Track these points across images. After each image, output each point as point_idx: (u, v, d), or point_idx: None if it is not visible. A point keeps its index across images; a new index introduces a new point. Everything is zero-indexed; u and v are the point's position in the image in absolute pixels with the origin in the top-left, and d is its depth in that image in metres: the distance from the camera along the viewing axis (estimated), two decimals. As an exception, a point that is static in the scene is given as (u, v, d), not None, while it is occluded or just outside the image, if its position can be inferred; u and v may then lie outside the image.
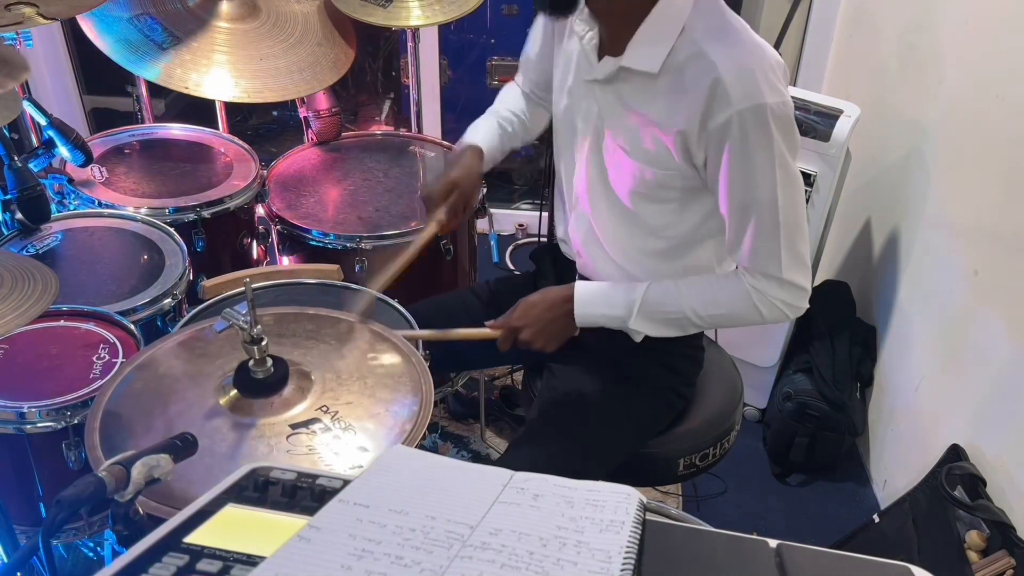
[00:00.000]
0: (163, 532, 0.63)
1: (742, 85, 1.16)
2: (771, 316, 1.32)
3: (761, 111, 1.16)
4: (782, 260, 1.27)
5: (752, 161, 1.20)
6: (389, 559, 0.59)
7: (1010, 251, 1.68)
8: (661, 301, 1.36)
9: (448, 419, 2.40)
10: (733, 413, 1.57)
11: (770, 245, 1.26)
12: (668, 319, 1.37)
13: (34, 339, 1.47)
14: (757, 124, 1.17)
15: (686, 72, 1.21)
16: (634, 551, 0.62)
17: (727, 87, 1.16)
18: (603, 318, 1.39)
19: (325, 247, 1.84)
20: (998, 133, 1.75)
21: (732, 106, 1.16)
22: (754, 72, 1.17)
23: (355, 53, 2.17)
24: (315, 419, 1.17)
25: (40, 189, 1.65)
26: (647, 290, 1.36)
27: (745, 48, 1.20)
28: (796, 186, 1.25)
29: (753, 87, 1.16)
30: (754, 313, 1.31)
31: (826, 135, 2.06)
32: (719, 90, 1.17)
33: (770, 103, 1.16)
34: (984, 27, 1.85)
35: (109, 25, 1.94)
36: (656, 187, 1.31)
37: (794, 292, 1.30)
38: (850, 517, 2.12)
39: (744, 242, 1.27)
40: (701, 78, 1.18)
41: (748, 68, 1.17)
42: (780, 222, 1.24)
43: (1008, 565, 1.51)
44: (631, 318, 1.36)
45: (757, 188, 1.22)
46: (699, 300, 1.34)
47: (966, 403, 1.82)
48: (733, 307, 1.33)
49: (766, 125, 1.17)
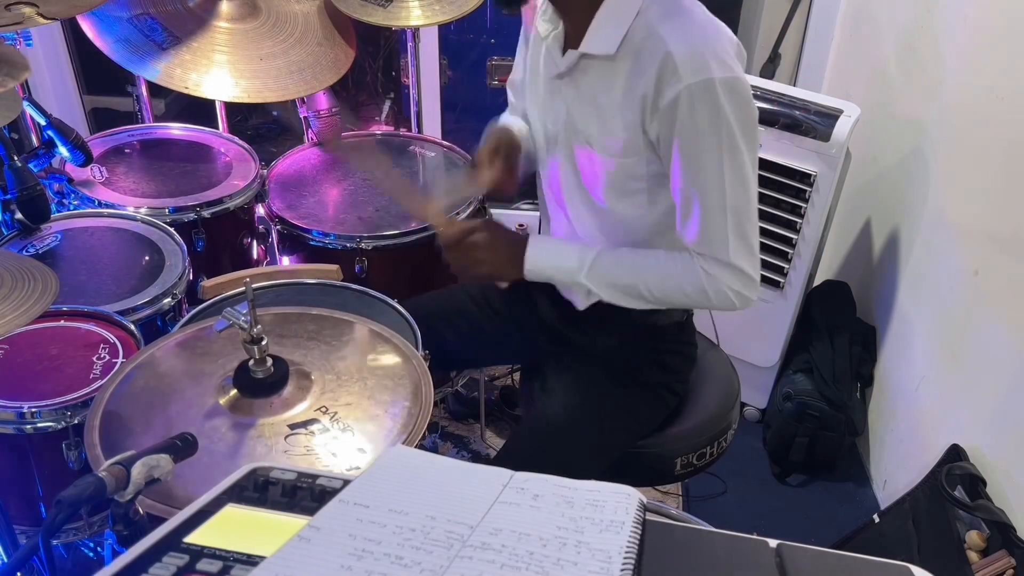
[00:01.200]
0: (163, 532, 0.63)
1: (691, 61, 1.17)
2: (719, 302, 1.31)
3: (710, 86, 1.16)
4: (729, 244, 1.26)
5: (700, 138, 1.20)
6: (389, 559, 0.59)
7: (1010, 251, 1.68)
8: (613, 265, 1.35)
9: (448, 419, 2.40)
10: (730, 412, 1.57)
11: (717, 228, 1.25)
12: (618, 284, 1.36)
13: (34, 339, 1.47)
14: (705, 99, 1.17)
15: (641, 53, 1.22)
16: (634, 551, 0.62)
17: (676, 63, 1.17)
18: (553, 268, 1.38)
19: (325, 247, 1.84)
20: (998, 133, 1.75)
21: (681, 81, 1.17)
22: (703, 49, 1.17)
23: (355, 53, 2.17)
24: (314, 419, 1.17)
25: (40, 189, 1.65)
26: (601, 251, 1.36)
27: (695, 25, 1.21)
28: (747, 169, 1.24)
29: (701, 62, 1.17)
30: (702, 296, 1.31)
31: (826, 135, 2.06)
32: (668, 66, 1.17)
33: (718, 78, 1.16)
34: (984, 27, 1.85)
35: (109, 25, 1.94)
36: (624, 178, 1.32)
37: (741, 278, 1.29)
38: (850, 517, 2.12)
39: (691, 223, 1.27)
40: (653, 56, 1.19)
41: (697, 45, 1.18)
42: (727, 204, 1.24)
43: (1008, 565, 1.51)
44: (582, 272, 1.35)
45: (704, 167, 1.22)
46: (651, 274, 1.34)
47: (966, 403, 1.82)
48: (684, 287, 1.32)
49: (715, 100, 1.17)
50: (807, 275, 2.27)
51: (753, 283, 1.30)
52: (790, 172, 2.13)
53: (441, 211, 1.45)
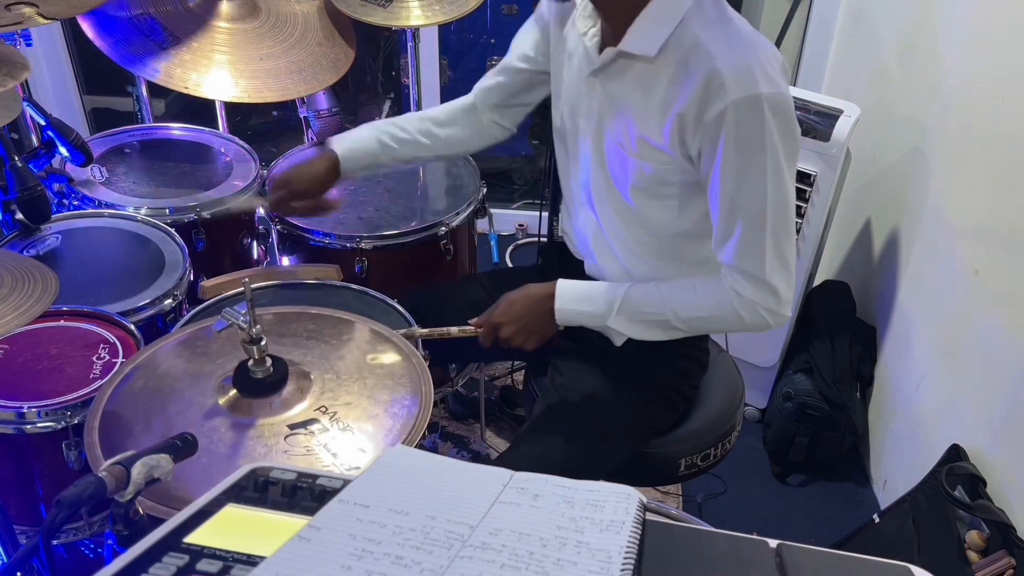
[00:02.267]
0: (163, 532, 0.63)
1: (738, 76, 1.16)
2: (752, 322, 1.30)
3: (756, 101, 1.16)
4: (766, 261, 1.25)
5: (746, 154, 1.19)
6: (389, 559, 0.59)
7: (1010, 251, 1.68)
8: (643, 302, 1.35)
9: (448, 419, 2.39)
10: (734, 414, 1.57)
11: (756, 244, 1.25)
12: (649, 320, 1.36)
13: (34, 339, 1.47)
14: (752, 115, 1.17)
15: (683, 62, 1.21)
16: (634, 551, 0.62)
17: (723, 78, 1.16)
18: (583, 315, 1.39)
19: (325, 247, 1.84)
20: (998, 133, 1.75)
21: (727, 96, 1.16)
22: (751, 64, 1.17)
23: (355, 53, 2.17)
24: (313, 419, 1.17)
25: (40, 189, 1.65)
26: (629, 289, 1.36)
27: (743, 40, 1.20)
28: (788, 187, 1.24)
29: (749, 78, 1.16)
30: (735, 319, 1.30)
31: (826, 135, 2.06)
32: (715, 81, 1.16)
33: (765, 93, 1.16)
34: (984, 27, 1.85)
35: (109, 25, 1.94)
36: (655, 182, 1.31)
37: (775, 298, 1.28)
38: (850, 517, 2.12)
39: (731, 239, 1.27)
40: (698, 69, 1.18)
41: (745, 59, 1.17)
42: (768, 220, 1.23)
43: (1008, 565, 1.51)
44: (611, 316, 1.36)
45: (749, 183, 1.21)
46: (681, 303, 1.33)
47: (966, 403, 1.82)
48: (715, 311, 1.32)
49: (761, 116, 1.17)
50: (807, 275, 2.28)
51: (786, 302, 1.29)
52: (790, 172, 2.13)
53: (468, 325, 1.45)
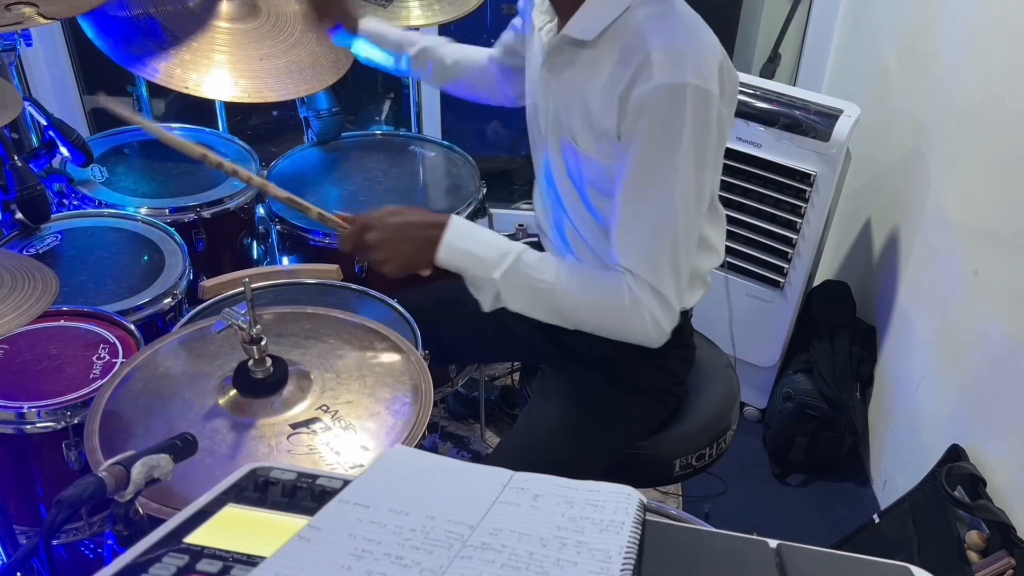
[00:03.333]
0: (163, 532, 0.63)
1: (669, 62, 1.15)
2: (633, 326, 1.24)
3: (679, 90, 1.14)
4: (662, 267, 1.21)
5: (656, 140, 1.17)
6: (389, 559, 0.59)
7: (1010, 251, 1.68)
8: (536, 267, 1.27)
9: (448, 419, 2.40)
10: (729, 413, 1.57)
11: (655, 248, 1.20)
12: (536, 288, 1.27)
13: (34, 339, 1.47)
14: (673, 102, 1.15)
15: (623, 48, 1.21)
16: (634, 551, 0.62)
17: (653, 62, 1.15)
18: (469, 258, 1.27)
19: (325, 247, 1.84)
20: (998, 133, 1.75)
21: (653, 79, 1.15)
22: (683, 52, 1.16)
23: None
24: (315, 418, 1.17)
25: (40, 189, 1.65)
26: (526, 250, 1.27)
27: (682, 29, 1.20)
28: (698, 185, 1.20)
29: (678, 66, 1.15)
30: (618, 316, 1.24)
31: (826, 135, 2.06)
32: (645, 63, 1.16)
33: (691, 83, 1.14)
34: (984, 27, 1.85)
35: (109, 25, 1.94)
36: (607, 179, 1.27)
37: (665, 308, 1.23)
38: (850, 517, 2.12)
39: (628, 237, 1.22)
40: (633, 52, 1.18)
41: (678, 47, 1.16)
42: (670, 224, 1.20)
43: (1008, 565, 1.51)
44: (498, 269, 1.25)
45: (657, 177, 1.18)
46: (575, 278, 1.27)
47: (966, 403, 1.82)
48: (604, 296, 1.24)
49: (681, 106, 1.14)
50: (807, 275, 2.27)
51: (673, 315, 1.25)
52: (790, 172, 2.13)
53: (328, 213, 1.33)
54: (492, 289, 1.28)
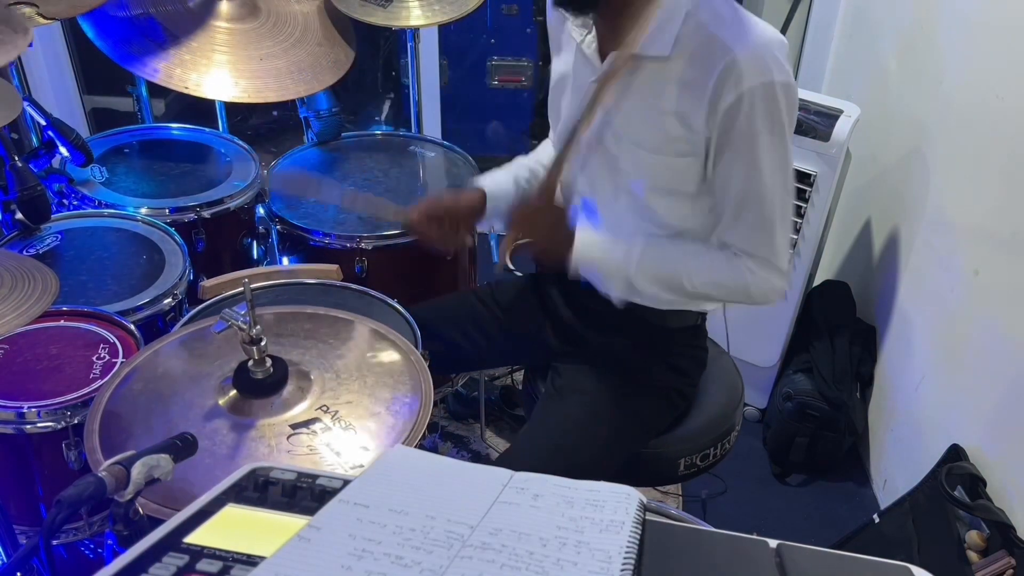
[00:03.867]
0: (163, 532, 0.63)
1: (755, 64, 1.19)
2: (759, 297, 1.34)
3: (770, 88, 1.19)
4: (775, 244, 1.29)
5: (759, 137, 1.22)
6: (389, 559, 0.59)
7: (1010, 251, 1.68)
8: (661, 257, 1.36)
9: (448, 419, 2.40)
10: (734, 413, 1.57)
11: (767, 229, 1.28)
12: (665, 279, 1.36)
13: (34, 339, 1.47)
14: (766, 101, 1.20)
15: (698, 57, 1.22)
16: (634, 551, 0.62)
17: (741, 67, 1.18)
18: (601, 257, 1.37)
19: (325, 247, 1.84)
20: (998, 133, 1.75)
21: (743, 84, 1.18)
22: (764, 52, 1.20)
23: (355, 53, 2.17)
24: (315, 419, 1.17)
25: (40, 189, 1.65)
26: (646, 245, 1.36)
27: (756, 30, 1.22)
28: (791, 167, 1.28)
29: (763, 65, 1.19)
30: (742, 291, 1.33)
31: (826, 135, 2.06)
32: (733, 70, 1.19)
33: (778, 80, 1.19)
34: (984, 27, 1.85)
35: (109, 25, 1.94)
36: (673, 177, 1.32)
37: (781, 277, 1.32)
38: (850, 517, 2.12)
39: (741, 223, 1.29)
40: (715, 61, 1.20)
41: (759, 48, 1.20)
42: (777, 205, 1.27)
43: (1008, 565, 1.51)
44: (632, 268, 1.35)
45: (761, 169, 1.24)
46: (696, 264, 1.35)
47: (966, 403, 1.82)
48: (726, 278, 1.33)
49: (773, 102, 1.20)
50: (807, 275, 2.28)
51: (787, 278, 1.34)
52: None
53: None
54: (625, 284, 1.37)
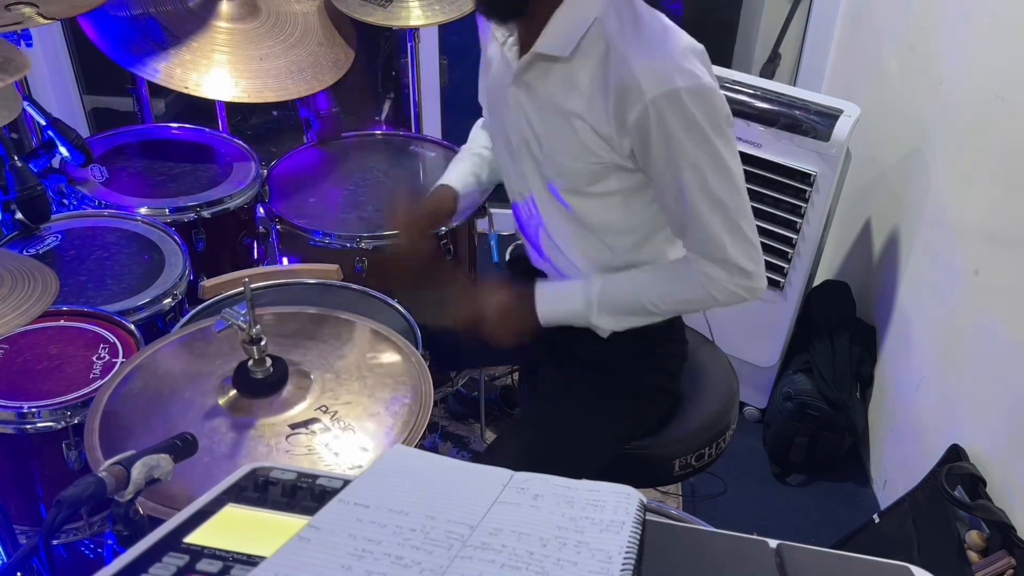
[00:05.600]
0: (163, 532, 0.63)
1: (652, 75, 1.17)
2: (726, 299, 1.31)
3: (674, 96, 1.16)
4: (725, 242, 1.26)
5: (677, 148, 1.20)
6: (389, 559, 0.59)
7: (1010, 251, 1.68)
8: (617, 293, 1.37)
9: (448, 419, 2.39)
10: (729, 413, 1.57)
11: (710, 229, 1.26)
12: (628, 311, 1.38)
13: (34, 339, 1.47)
14: (673, 109, 1.17)
15: (601, 68, 1.22)
16: (634, 551, 0.62)
17: (638, 80, 1.17)
18: (567, 314, 1.40)
19: (325, 247, 1.84)
20: (998, 133, 1.75)
21: (645, 96, 1.17)
22: (663, 60, 1.18)
23: (355, 53, 2.17)
24: (314, 419, 1.17)
25: (40, 189, 1.65)
26: (604, 285, 1.37)
27: (655, 38, 1.21)
28: (728, 166, 1.24)
29: (663, 75, 1.17)
30: (708, 299, 1.32)
31: (826, 135, 2.06)
32: (632, 84, 1.17)
33: (682, 86, 1.16)
34: (984, 27, 1.85)
35: (109, 25, 1.94)
36: (589, 182, 1.31)
37: (742, 274, 1.29)
38: (850, 517, 2.12)
39: (687, 228, 1.28)
40: (614, 74, 1.19)
41: (657, 57, 1.18)
42: (715, 203, 1.24)
43: (1008, 565, 1.51)
44: (592, 313, 1.37)
45: (685, 173, 1.22)
46: (655, 291, 1.35)
47: (966, 403, 1.82)
48: (687, 294, 1.34)
49: (681, 108, 1.17)
50: (807, 275, 2.27)
51: (755, 275, 1.30)
52: (790, 172, 2.13)
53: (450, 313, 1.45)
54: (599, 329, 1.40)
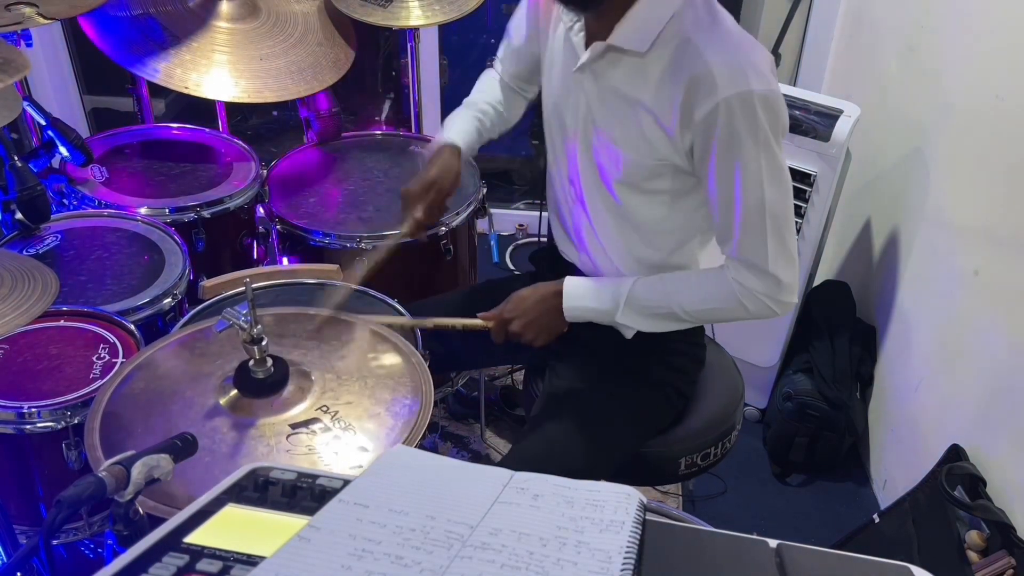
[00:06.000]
0: (163, 532, 0.63)
1: (729, 73, 1.17)
2: (756, 311, 1.32)
3: (748, 98, 1.17)
4: (768, 252, 1.27)
5: (739, 150, 1.21)
6: (389, 559, 0.59)
7: (1010, 251, 1.68)
8: (648, 296, 1.37)
9: (448, 419, 2.39)
10: (734, 413, 1.57)
11: (757, 237, 1.26)
12: (655, 314, 1.38)
13: (34, 339, 1.47)
14: (743, 111, 1.18)
15: (674, 59, 1.22)
16: (634, 551, 0.62)
17: (714, 76, 1.17)
18: (591, 312, 1.40)
19: (325, 247, 1.84)
20: (998, 133, 1.75)
21: (718, 94, 1.17)
22: (741, 62, 1.18)
23: (355, 53, 2.17)
24: (315, 419, 1.17)
25: (40, 189, 1.65)
26: (634, 285, 1.37)
27: (733, 39, 1.21)
28: (783, 177, 1.25)
29: (739, 75, 1.17)
30: (739, 309, 1.32)
31: (826, 135, 2.06)
32: (706, 78, 1.17)
33: (756, 90, 1.17)
34: (984, 27, 1.85)
35: (109, 25, 1.94)
36: (644, 177, 1.32)
37: (778, 286, 1.30)
38: (850, 517, 2.12)
39: (733, 232, 1.28)
40: (688, 66, 1.19)
41: (735, 58, 1.18)
42: (767, 213, 1.25)
43: (1008, 565, 1.51)
44: (618, 311, 1.37)
45: (745, 179, 1.23)
46: (686, 297, 1.35)
47: (966, 403, 1.82)
48: (719, 303, 1.34)
49: (752, 112, 1.18)
50: (807, 275, 2.28)
51: (789, 288, 1.31)
52: (790, 172, 2.12)
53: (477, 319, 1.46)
54: (624, 328, 1.41)
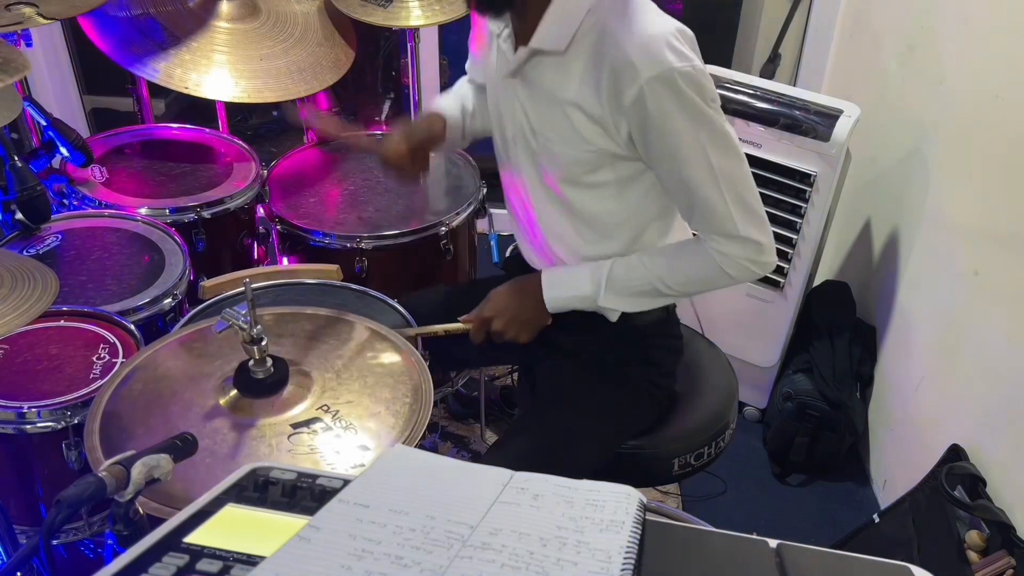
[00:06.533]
0: (163, 532, 0.63)
1: (646, 56, 1.18)
2: (739, 276, 1.32)
3: (668, 76, 1.17)
4: (735, 219, 1.27)
5: (674, 128, 1.21)
6: (389, 559, 0.59)
7: (1010, 251, 1.68)
8: (628, 275, 1.37)
9: (448, 419, 2.39)
10: (728, 412, 1.57)
11: (718, 206, 1.26)
12: (638, 292, 1.38)
13: (34, 339, 1.47)
14: (668, 89, 1.18)
15: (594, 52, 1.23)
16: (634, 551, 0.62)
17: (632, 61, 1.18)
18: (574, 299, 1.41)
19: (325, 247, 1.84)
20: (998, 133, 1.75)
21: (640, 78, 1.18)
22: (657, 41, 1.18)
23: (355, 53, 2.17)
24: (316, 418, 1.17)
25: (40, 189, 1.65)
26: (613, 266, 1.37)
27: (647, 20, 1.21)
28: (729, 142, 1.25)
29: (657, 55, 1.17)
30: (722, 276, 1.32)
31: (826, 135, 2.06)
32: (626, 66, 1.18)
33: (676, 66, 1.17)
34: (984, 27, 1.85)
35: (109, 25, 1.94)
36: (587, 171, 1.32)
37: (755, 248, 1.30)
38: (850, 517, 2.12)
39: (694, 208, 1.29)
40: (607, 56, 1.20)
41: (650, 39, 1.19)
42: (720, 181, 1.25)
43: (1008, 565, 1.51)
44: (600, 295, 1.38)
45: (687, 153, 1.23)
46: (667, 271, 1.36)
47: (966, 403, 1.82)
48: (700, 272, 1.34)
49: (676, 88, 1.18)
50: (807, 275, 2.27)
51: (766, 247, 1.31)
52: (790, 172, 2.13)
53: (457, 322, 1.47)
54: (608, 311, 1.41)
